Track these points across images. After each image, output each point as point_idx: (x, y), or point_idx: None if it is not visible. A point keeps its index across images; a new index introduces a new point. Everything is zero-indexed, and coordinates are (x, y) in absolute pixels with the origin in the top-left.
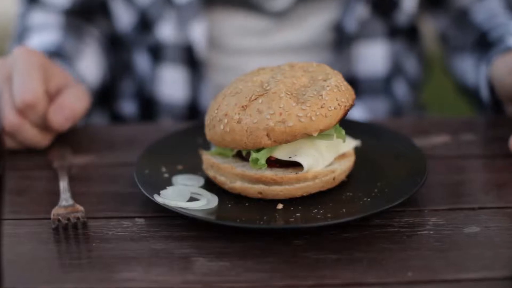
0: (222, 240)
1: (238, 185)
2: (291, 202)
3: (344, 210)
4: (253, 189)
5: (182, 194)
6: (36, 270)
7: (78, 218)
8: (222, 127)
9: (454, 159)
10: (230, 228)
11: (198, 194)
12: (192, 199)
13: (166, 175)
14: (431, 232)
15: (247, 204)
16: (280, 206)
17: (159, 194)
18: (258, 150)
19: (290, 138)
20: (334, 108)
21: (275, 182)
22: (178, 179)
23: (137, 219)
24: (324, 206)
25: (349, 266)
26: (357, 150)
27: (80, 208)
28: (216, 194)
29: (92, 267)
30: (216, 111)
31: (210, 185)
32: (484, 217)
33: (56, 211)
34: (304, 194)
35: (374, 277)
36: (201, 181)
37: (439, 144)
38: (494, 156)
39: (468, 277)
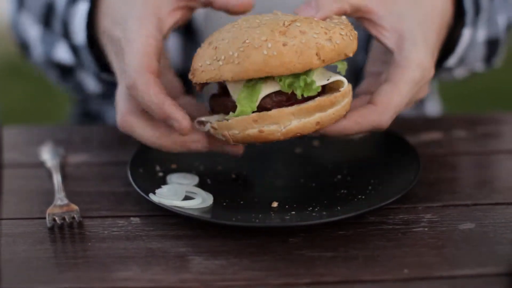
0: (218, 239)
1: (294, 125)
2: (286, 200)
3: (339, 207)
4: (311, 122)
5: (177, 193)
6: (32, 270)
7: (73, 218)
8: (265, 52)
9: (447, 156)
10: (225, 227)
11: (193, 193)
12: (187, 198)
13: (160, 174)
14: (426, 229)
15: (242, 202)
16: (275, 204)
17: (154, 193)
18: (301, 74)
19: (337, 57)
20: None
21: (331, 104)
22: (173, 178)
23: (132, 218)
24: (319, 204)
25: (344, 264)
26: (351, 148)
27: (75, 207)
28: (211, 192)
29: (88, 267)
30: (246, 41)
31: (205, 184)
32: (478, 213)
33: (51, 211)
34: (345, 113)
35: (369, 274)
36: (195, 179)
37: (431, 141)
38: (486, 153)
39: (463, 273)
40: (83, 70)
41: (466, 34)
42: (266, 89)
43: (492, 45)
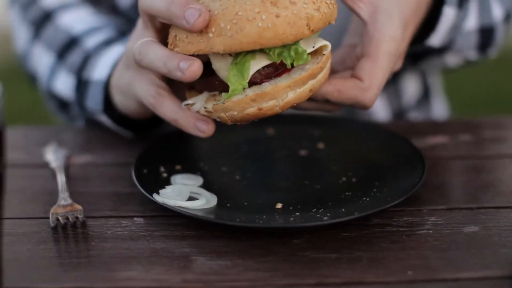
0: (222, 239)
1: (291, 96)
2: (291, 201)
3: (343, 209)
4: (305, 91)
5: (181, 193)
6: (35, 269)
7: (77, 218)
8: (259, 24)
9: (452, 159)
10: (229, 227)
11: (197, 193)
12: (191, 198)
13: (164, 174)
14: (430, 231)
15: (246, 203)
16: (279, 205)
17: (158, 193)
18: (292, 45)
19: (323, 25)
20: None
21: (320, 70)
22: (177, 179)
23: (136, 219)
24: (324, 206)
25: (348, 265)
26: (356, 150)
27: (79, 207)
28: (215, 193)
29: (91, 266)
30: (238, 13)
31: (209, 185)
32: (483, 216)
33: (55, 210)
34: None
35: (373, 276)
36: (200, 180)
37: (437, 145)
38: (491, 157)
39: (467, 276)
40: (77, 108)
41: (449, 13)
42: (255, 65)
43: (486, 33)
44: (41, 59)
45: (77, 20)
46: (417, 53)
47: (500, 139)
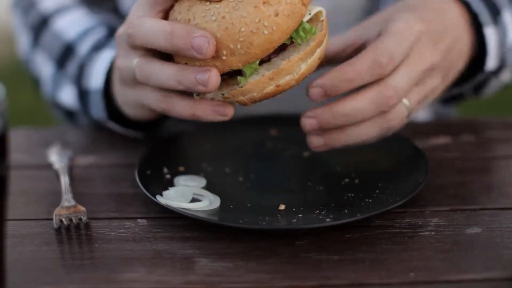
0: (225, 241)
1: (304, 68)
2: (293, 203)
3: (346, 211)
4: (314, 60)
5: (184, 195)
6: (38, 271)
7: (80, 219)
8: (265, 32)
9: (455, 160)
10: (232, 229)
11: (200, 195)
12: (194, 200)
13: (168, 176)
14: (433, 233)
15: (249, 205)
16: (282, 207)
17: (161, 195)
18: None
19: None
20: None
21: (324, 36)
22: (180, 180)
23: (139, 220)
24: (326, 207)
25: (351, 267)
26: (359, 151)
27: (82, 208)
28: (218, 195)
29: (95, 268)
30: (241, 30)
31: (212, 186)
32: (486, 218)
33: (58, 212)
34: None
35: (376, 278)
36: (203, 182)
37: (439, 145)
38: (494, 158)
39: (470, 278)
40: (84, 117)
41: (491, 33)
42: None
43: None
44: (43, 68)
45: (71, 23)
46: (479, 82)
47: (504, 139)
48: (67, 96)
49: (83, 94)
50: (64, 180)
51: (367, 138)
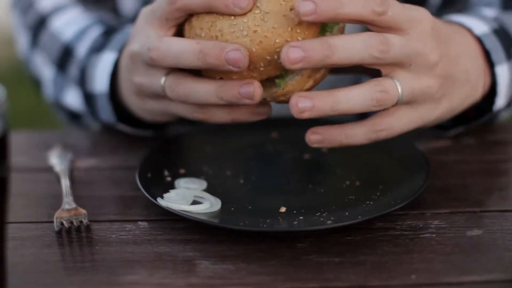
0: (226, 243)
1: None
2: (294, 205)
3: (347, 213)
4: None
5: (185, 197)
6: (39, 273)
7: (81, 222)
8: (299, 38)
9: (455, 163)
10: (233, 231)
11: (201, 197)
12: (195, 202)
13: (168, 178)
14: (434, 235)
15: (250, 207)
16: (283, 209)
17: (162, 197)
18: None
19: None
20: None
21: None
22: (181, 183)
23: (140, 223)
24: (327, 210)
25: (352, 269)
26: (360, 153)
27: (83, 211)
28: (219, 197)
29: (96, 270)
30: (276, 42)
31: (213, 189)
32: (486, 220)
33: (59, 214)
34: None
35: (377, 280)
36: (204, 184)
37: (440, 148)
38: (495, 160)
39: (471, 280)
40: (92, 119)
41: (503, 71)
42: None
43: None
44: (43, 70)
45: (67, 23)
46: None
47: (504, 142)
48: (72, 98)
49: (88, 98)
50: (65, 183)
51: (355, 108)
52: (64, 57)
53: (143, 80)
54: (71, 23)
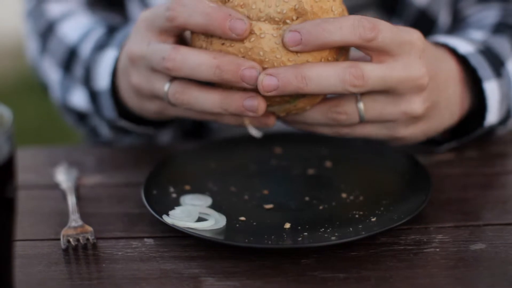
0: (231, 260)
1: None
2: (299, 221)
3: (351, 229)
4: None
5: (190, 214)
6: None
7: (87, 239)
8: (310, 59)
9: (458, 176)
10: (238, 248)
11: (206, 214)
12: (200, 219)
13: (174, 195)
14: (438, 249)
15: (254, 223)
16: (287, 225)
17: (167, 214)
18: None
19: None
20: None
21: None
22: (186, 199)
23: (146, 240)
24: (331, 225)
25: (357, 285)
26: (363, 168)
27: (90, 228)
28: (224, 214)
29: None
30: (289, 60)
31: (218, 205)
32: (490, 234)
33: (65, 232)
34: None
35: None
36: (209, 201)
37: (443, 161)
38: (498, 173)
39: None
40: (97, 118)
41: (491, 87)
42: None
43: None
44: (50, 74)
45: (73, 27)
46: (484, 134)
47: (506, 155)
48: (79, 99)
49: (93, 95)
50: (71, 200)
51: (312, 123)
52: (69, 59)
53: (143, 82)
54: (76, 27)
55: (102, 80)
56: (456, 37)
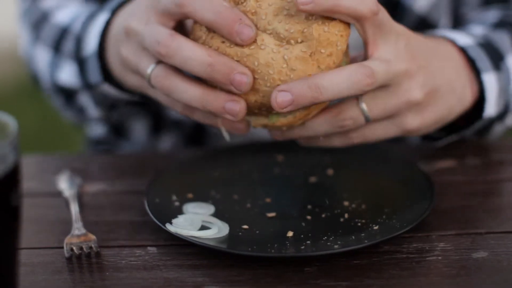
0: (234, 268)
1: None
2: (301, 229)
3: (353, 237)
4: None
5: (193, 222)
6: None
7: (91, 247)
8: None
9: (460, 184)
10: (241, 256)
11: (209, 222)
12: (203, 227)
13: (176, 203)
14: (440, 257)
15: (257, 232)
16: (290, 233)
17: (170, 222)
18: None
19: None
20: None
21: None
22: (189, 208)
23: (149, 248)
24: (334, 233)
25: None
26: (365, 176)
27: (93, 237)
28: (227, 222)
29: None
30: (292, 76)
31: (221, 213)
32: (492, 241)
33: (69, 240)
34: None
35: None
36: (211, 209)
37: (445, 169)
38: (500, 180)
39: None
40: (85, 92)
41: (490, 79)
42: None
43: None
44: (41, 59)
45: (66, 12)
46: (482, 128)
47: (508, 162)
48: (67, 74)
49: (82, 64)
50: (74, 208)
51: (319, 130)
52: (60, 38)
53: (130, 56)
54: (71, 12)
55: (91, 44)
56: (455, 31)
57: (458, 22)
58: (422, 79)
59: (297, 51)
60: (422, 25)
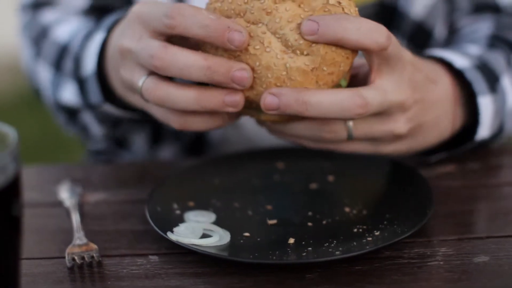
0: (236, 276)
1: None
2: (303, 236)
3: (354, 243)
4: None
5: (194, 231)
6: None
7: (92, 257)
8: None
9: (460, 188)
10: (243, 264)
11: (210, 230)
12: (204, 235)
13: (178, 211)
14: (441, 262)
15: (258, 239)
16: (291, 240)
17: (172, 231)
18: None
19: None
20: None
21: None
22: (190, 216)
23: (151, 257)
24: (335, 240)
25: None
26: (365, 182)
27: (94, 246)
28: (228, 230)
29: None
30: (292, 77)
31: (222, 221)
32: (493, 246)
33: (70, 250)
34: None
35: None
36: (212, 217)
37: (445, 174)
38: (500, 185)
39: None
40: (87, 111)
41: (485, 102)
42: None
43: None
44: (43, 76)
45: (66, 29)
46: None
47: (508, 166)
48: (68, 94)
49: (82, 84)
50: (75, 218)
51: (299, 133)
52: (60, 56)
53: (127, 75)
54: (69, 28)
55: (89, 64)
56: (452, 51)
57: (450, 28)
58: (412, 114)
59: (300, 63)
60: (418, 31)
